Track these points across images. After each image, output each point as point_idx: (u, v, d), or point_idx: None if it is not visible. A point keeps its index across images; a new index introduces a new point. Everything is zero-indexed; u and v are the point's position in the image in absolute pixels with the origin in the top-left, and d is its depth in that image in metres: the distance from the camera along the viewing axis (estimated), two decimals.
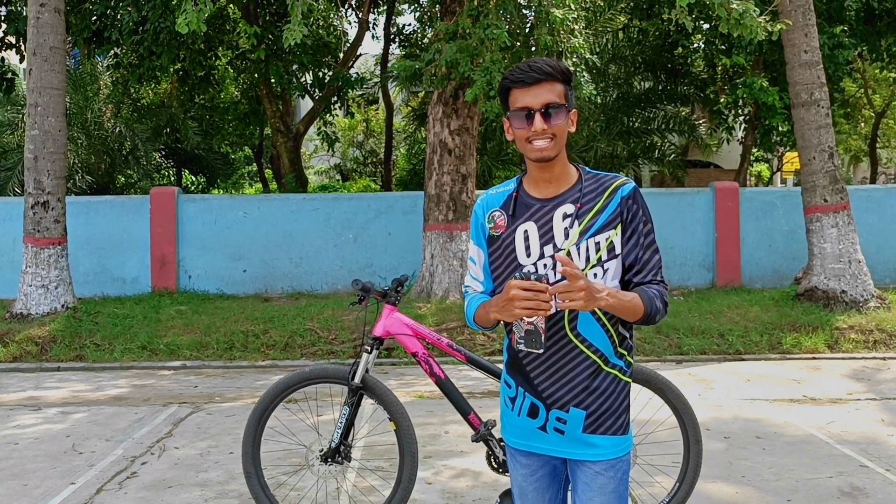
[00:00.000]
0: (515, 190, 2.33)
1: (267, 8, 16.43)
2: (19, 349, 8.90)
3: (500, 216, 2.32)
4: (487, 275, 2.39)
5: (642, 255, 2.29)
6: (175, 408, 6.77)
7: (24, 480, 4.94)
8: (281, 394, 3.94)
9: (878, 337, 8.87)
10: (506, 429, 2.41)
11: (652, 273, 2.29)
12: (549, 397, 2.25)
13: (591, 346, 2.24)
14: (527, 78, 2.19)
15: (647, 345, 8.85)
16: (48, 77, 9.75)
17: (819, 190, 9.81)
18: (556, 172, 2.27)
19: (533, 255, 2.25)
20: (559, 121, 2.20)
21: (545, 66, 2.19)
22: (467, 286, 2.47)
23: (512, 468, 2.42)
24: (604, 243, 2.23)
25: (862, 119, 23.35)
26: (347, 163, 28.84)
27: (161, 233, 12.06)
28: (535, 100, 2.18)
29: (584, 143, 15.00)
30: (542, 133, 2.18)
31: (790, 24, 9.45)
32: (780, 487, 4.63)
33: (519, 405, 2.32)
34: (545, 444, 2.30)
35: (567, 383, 2.24)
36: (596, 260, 2.23)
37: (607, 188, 2.27)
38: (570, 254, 2.21)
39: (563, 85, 2.23)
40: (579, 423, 2.24)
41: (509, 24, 9.70)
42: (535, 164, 2.26)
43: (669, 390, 3.88)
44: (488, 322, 2.30)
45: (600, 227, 2.23)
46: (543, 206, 2.27)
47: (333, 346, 9.00)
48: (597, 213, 2.24)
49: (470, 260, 2.43)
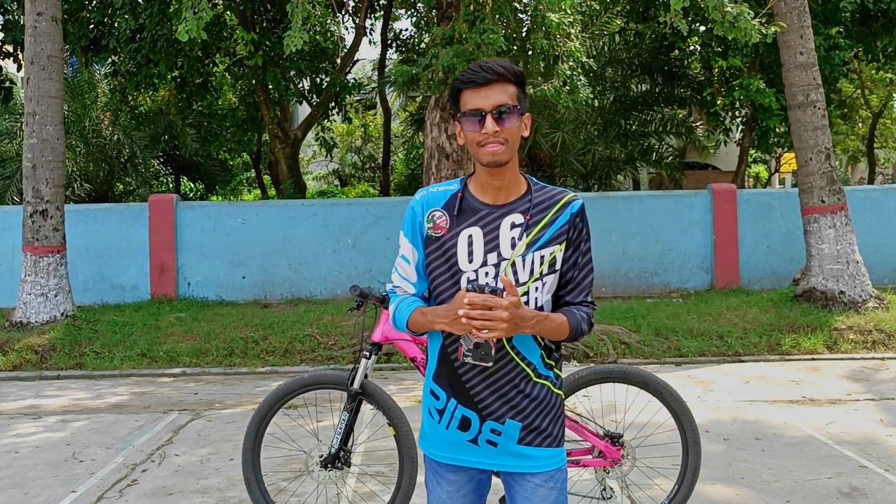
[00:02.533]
0: (460, 191, 2.24)
1: (264, 14, 16.46)
2: (19, 358, 8.90)
3: (441, 216, 2.22)
4: (421, 276, 2.29)
5: (577, 275, 2.25)
6: (175, 415, 6.78)
7: (24, 489, 4.94)
8: (280, 400, 3.95)
9: (876, 337, 8.89)
10: (429, 442, 2.31)
11: (584, 294, 2.27)
12: (486, 409, 2.19)
13: (524, 359, 2.20)
14: (478, 78, 2.12)
15: (647, 347, 8.86)
16: (46, 86, 9.77)
17: (816, 191, 9.83)
18: (506, 179, 2.20)
19: (475, 262, 2.17)
20: (512, 123, 2.14)
21: (497, 67, 2.12)
22: (396, 286, 2.33)
23: (434, 485, 2.32)
24: (547, 257, 2.19)
25: (859, 120, 23.41)
26: (346, 168, 28.88)
27: (160, 240, 12.07)
28: (487, 101, 2.11)
29: (582, 146, 15.00)
30: (493, 136, 2.11)
31: (784, 26, 9.48)
32: (780, 488, 4.63)
33: (448, 417, 2.23)
34: (476, 457, 2.23)
35: (504, 395, 2.19)
36: (539, 273, 2.18)
37: (557, 202, 2.22)
38: (514, 264, 2.16)
39: (516, 87, 2.16)
40: (514, 434, 2.20)
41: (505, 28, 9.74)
42: (485, 168, 2.18)
43: (667, 393, 3.89)
44: (426, 330, 2.22)
45: (547, 241, 2.19)
46: (492, 212, 2.20)
47: (333, 352, 9.01)
48: (545, 226, 2.19)
49: (402, 258, 2.30)
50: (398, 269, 2.32)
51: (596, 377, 3.94)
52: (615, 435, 3.90)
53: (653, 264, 12.21)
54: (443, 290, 2.22)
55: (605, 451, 3.86)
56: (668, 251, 12.22)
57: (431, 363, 2.30)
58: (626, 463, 3.90)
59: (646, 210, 12.30)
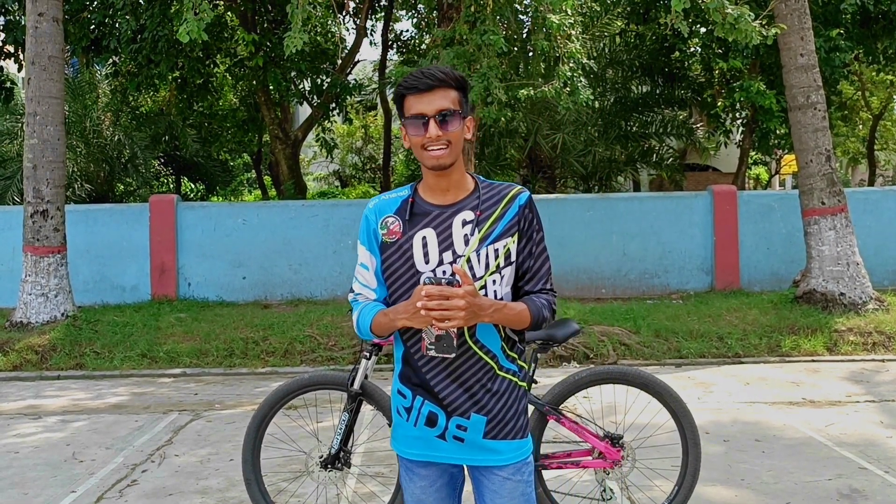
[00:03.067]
0: (410, 196, 2.31)
1: (265, 15, 16.47)
2: (19, 358, 8.90)
3: (394, 222, 2.29)
4: (380, 282, 2.35)
5: (534, 264, 2.32)
6: (175, 415, 6.78)
7: (24, 489, 4.94)
8: (280, 400, 3.95)
9: (876, 339, 8.89)
10: (399, 441, 2.38)
11: (542, 282, 2.33)
12: (451, 404, 2.25)
13: (488, 352, 2.25)
14: (420, 84, 2.19)
15: (647, 348, 8.86)
16: (47, 86, 9.78)
17: (817, 193, 9.84)
18: (453, 180, 2.27)
19: (432, 262, 2.23)
20: (454, 127, 2.20)
21: (438, 73, 2.20)
22: (357, 294, 2.39)
23: (408, 482, 2.38)
24: (501, 250, 2.25)
25: (859, 121, 23.41)
26: (346, 169, 28.89)
27: (160, 240, 12.07)
28: (429, 106, 2.18)
29: (582, 147, 15.02)
30: (436, 140, 2.18)
31: (785, 28, 9.49)
32: (780, 490, 4.64)
33: (415, 415, 2.29)
34: (444, 452, 2.29)
35: (468, 389, 2.24)
36: (495, 267, 2.24)
37: (505, 196, 2.29)
38: (469, 260, 2.22)
39: (458, 91, 2.23)
40: (480, 428, 2.25)
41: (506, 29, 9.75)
42: (431, 171, 2.24)
43: (668, 394, 3.89)
44: (389, 330, 2.27)
45: (499, 235, 2.25)
46: (442, 212, 2.26)
47: (333, 353, 9.01)
48: (495, 220, 2.26)
49: (360, 266, 2.37)
50: (358, 277, 2.39)
51: (596, 378, 3.94)
52: (615, 436, 3.90)
53: (653, 266, 12.21)
54: (402, 294, 2.28)
55: (605, 453, 3.86)
56: (668, 252, 12.22)
57: (397, 365, 2.36)
58: (626, 464, 3.90)
59: (646, 211, 12.30)
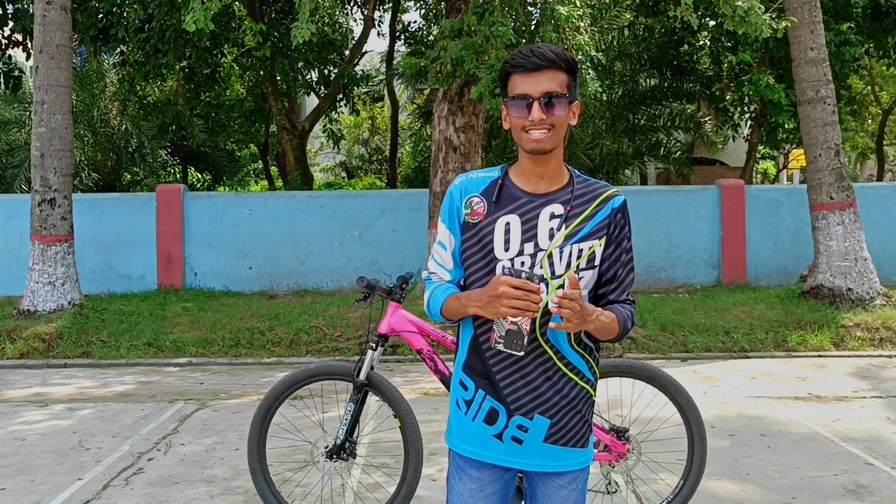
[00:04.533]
0: (500, 178, 2.19)
1: (272, 5, 16.43)
2: (26, 346, 8.94)
3: (479, 203, 2.17)
4: (457, 263, 2.24)
5: (621, 273, 2.22)
6: (181, 404, 6.80)
7: (31, 476, 4.97)
8: (286, 391, 3.95)
9: (883, 335, 8.86)
10: (454, 435, 2.25)
11: (626, 292, 2.23)
12: (514, 402, 2.14)
13: (563, 358, 2.15)
14: (528, 63, 2.07)
15: (653, 342, 8.85)
16: (55, 75, 9.78)
17: (825, 187, 9.79)
18: (550, 168, 2.15)
19: (511, 250, 2.12)
20: (559, 111, 2.08)
21: (548, 53, 2.07)
22: (431, 272, 2.28)
23: (456, 481, 2.23)
24: (586, 251, 2.14)
25: (869, 116, 23.25)
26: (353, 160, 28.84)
27: (167, 230, 12.10)
28: (535, 87, 2.06)
29: (590, 140, 14.97)
30: (539, 123, 2.06)
31: (795, 21, 9.43)
32: (785, 485, 4.63)
33: (475, 409, 2.18)
34: (500, 453, 2.17)
35: (535, 389, 2.13)
36: (576, 267, 2.13)
37: (598, 196, 2.18)
38: (551, 256, 2.11)
39: (567, 74, 2.11)
40: (542, 432, 2.14)
41: (514, 21, 9.69)
42: (528, 155, 2.13)
43: (674, 387, 3.88)
44: (460, 315, 2.18)
45: (586, 235, 2.14)
46: (532, 200, 2.14)
47: (339, 343, 9.02)
48: (585, 219, 2.14)
49: (438, 244, 2.26)
50: (434, 255, 2.28)
51: (602, 371, 3.92)
52: (621, 429, 3.89)
53: (659, 259, 12.18)
54: (477, 279, 2.17)
55: (611, 446, 3.85)
56: (674, 246, 12.19)
57: (462, 352, 2.25)
58: (631, 457, 3.90)
59: (653, 205, 12.27)
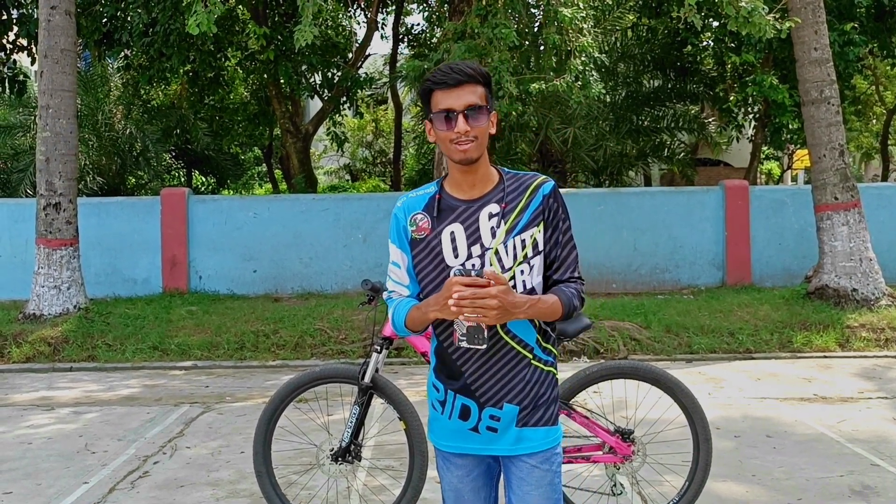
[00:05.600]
0: (437, 192, 2.35)
1: (276, 9, 16.47)
2: (32, 350, 8.97)
3: (422, 219, 2.33)
4: (412, 278, 2.39)
5: (560, 253, 2.34)
6: (186, 408, 6.81)
7: (37, 480, 4.98)
8: (291, 393, 3.96)
9: (889, 335, 8.83)
10: (435, 433, 2.42)
11: (570, 270, 2.36)
12: (483, 395, 2.29)
13: (520, 342, 2.29)
14: (449, 79, 2.21)
15: (657, 344, 8.84)
16: (59, 79, 9.81)
17: (830, 188, 9.77)
18: (479, 174, 2.30)
19: (461, 256, 2.28)
20: (481, 122, 2.22)
21: (466, 69, 2.23)
22: (391, 291, 2.44)
23: (445, 472, 2.43)
24: (529, 240, 2.28)
25: (873, 116, 23.22)
26: (357, 163, 28.88)
27: (172, 233, 12.12)
28: (457, 101, 2.20)
29: (594, 141, 14.95)
30: (465, 134, 2.20)
31: (799, 21, 9.41)
32: (791, 486, 4.62)
33: (449, 408, 2.34)
34: (478, 444, 2.33)
35: (500, 379, 2.28)
36: (522, 257, 2.27)
37: (528, 186, 2.32)
38: (497, 252, 2.26)
39: (484, 87, 2.26)
40: (513, 418, 2.29)
41: (517, 23, 9.72)
42: (458, 166, 2.27)
43: (679, 389, 3.88)
44: (423, 323, 2.31)
45: (525, 225, 2.28)
46: (469, 206, 2.30)
47: (343, 346, 9.03)
48: (521, 211, 2.29)
49: (392, 264, 2.42)
50: (391, 275, 2.44)
51: (607, 373, 3.93)
52: (626, 431, 3.89)
53: (664, 261, 12.17)
54: (433, 289, 2.31)
55: (616, 448, 3.85)
56: (679, 248, 12.18)
57: (432, 359, 2.41)
58: (636, 459, 3.89)
59: (657, 206, 12.26)
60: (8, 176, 16.46)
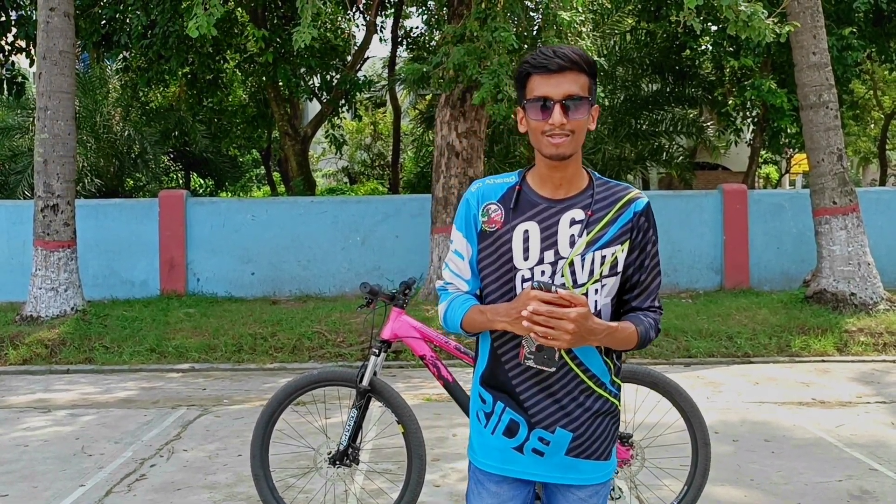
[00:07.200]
0: (518, 183, 2.10)
1: (275, 11, 16.47)
2: (29, 352, 8.94)
3: (496, 210, 2.09)
4: (475, 273, 2.15)
5: (645, 279, 2.13)
6: (183, 410, 6.79)
7: (33, 482, 4.96)
8: (289, 396, 3.95)
9: (887, 339, 8.83)
10: (475, 450, 2.18)
11: (651, 298, 2.14)
12: (536, 415, 2.06)
13: (587, 371, 2.07)
14: (550, 64, 1.96)
15: (655, 347, 8.83)
16: (58, 81, 9.80)
17: (828, 192, 9.78)
18: (568, 173, 2.05)
19: (531, 259, 2.03)
20: (580, 115, 1.98)
21: (571, 54, 1.97)
22: (447, 283, 2.19)
23: (475, 496, 2.17)
24: (609, 258, 2.05)
25: (871, 121, 23.25)
26: (355, 166, 28.90)
27: (169, 236, 12.11)
28: (557, 90, 1.96)
29: (592, 145, 14.98)
30: (560, 127, 1.96)
31: (798, 25, 9.43)
32: (789, 491, 4.61)
33: (496, 421, 2.10)
34: (520, 466, 2.10)
35: (557, 402, 2.05)
36: (598, 275, 2.04)
37: (619, 199, 2.08)
38: (573, 264, 2.02)
39: (588, 77, 2.00)
40: (563, 445, 2.07)
41: (517, 26, 9.72)
42: (546, 160, 2.03)
43: (677, 393, 3.87)
44: (483, 329, 2.09)
45: (609, 241, 2.04)
46: (551, 206, 2.05)
47: (341, 349, 9.02)
48: (607, 224, 2.05)
49: (454, 254, 2.16)
50: (450, 265, 2.19)
51: None
52: (624, 435, 3.88)
53: (662, 264, 12.02)
54: (494, 290, 2.10)
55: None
56: (677, 251, 12.18)
57: (481, 364, 2.17)
58: (635, 463, 3.89)
59: (655, 210, 11.70)
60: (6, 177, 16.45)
